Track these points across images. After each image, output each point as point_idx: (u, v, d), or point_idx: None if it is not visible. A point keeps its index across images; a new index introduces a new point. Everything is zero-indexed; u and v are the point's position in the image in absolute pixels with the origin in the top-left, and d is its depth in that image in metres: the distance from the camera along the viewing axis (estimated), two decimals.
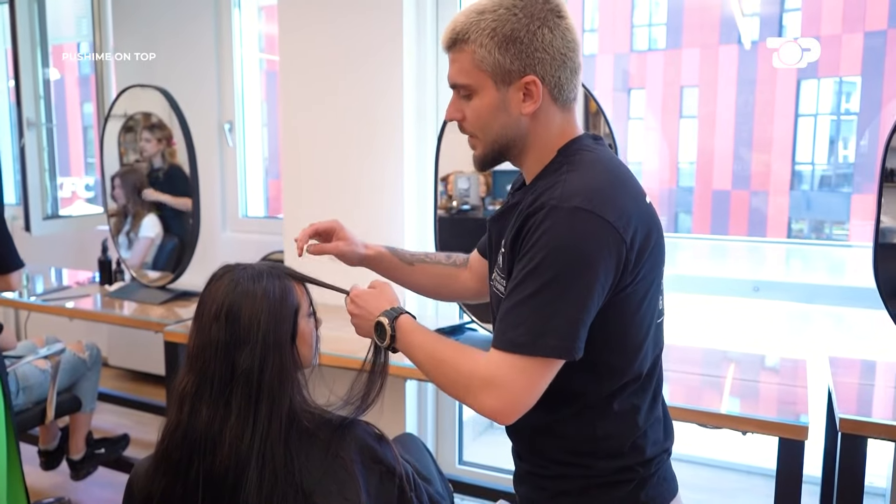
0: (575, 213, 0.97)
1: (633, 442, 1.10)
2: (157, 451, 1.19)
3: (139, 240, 3.04)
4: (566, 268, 0.97)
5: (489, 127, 1.09)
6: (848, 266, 3.84)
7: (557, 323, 0.97)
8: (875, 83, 6.88)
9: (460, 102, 1.11)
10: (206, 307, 1.17)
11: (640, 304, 1.05)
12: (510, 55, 1.03)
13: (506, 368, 0.98)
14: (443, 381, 1.08)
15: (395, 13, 2.53)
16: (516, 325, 0.99)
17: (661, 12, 8.68)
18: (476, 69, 1.06)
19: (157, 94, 2.84)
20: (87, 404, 2.62)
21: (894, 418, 1.68)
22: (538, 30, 1.03)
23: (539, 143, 1.10)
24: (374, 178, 2.65)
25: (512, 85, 1.05)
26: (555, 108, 1.08)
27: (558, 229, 0.97)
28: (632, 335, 1.07)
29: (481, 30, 1.03)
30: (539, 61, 1.04)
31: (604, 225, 0.97)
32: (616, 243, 0.98)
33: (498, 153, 1.12)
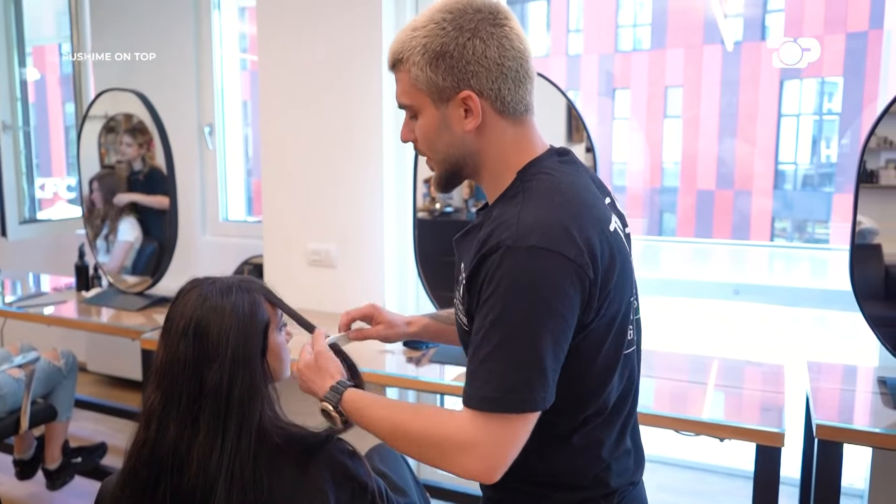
0: (532, 252, 0.92)
1: (595, 475, 1.06)
2: (124, 470, 1.17)
3: (118, 243, 3.00)
4: (530, 316, 0.92)
5: (435, 147, 1.05)
6: (829, 268, 3.87)
7: (528, 376, 0.93)
8: (856, 83, 6.93)
9: (411, 123, 1.07)
10: (174, 323, 1.15)
11: (602, 339, 1.01)
12: (441, 71, 0.99)
13: (481, 428, 0.94)
14: (413, 451, 1.02)
15: (374, 14, 2.52)
16: (486, 380, 0.94)
17: (646, 13, 8.72)
18: (414, 89, 1.02)
19: (135, 96, 2.81)
20: (62, 413, 2.59)
21: (870, 424, 1.68)
22: (468, 42, 0.98)
23: (492, 160, 1.04)
24: (354, 181, 2.64)
25: (450, 102, 1.00)
26: (502, 122, 1.02)
27: (517, 273, 0.92)
28: (594, 371, 1.02)
29: (413, 48, 1.00)
30: (473, 74, 0.98)
31: (563, 263, 0.92)
32: (579, 279, 0.93)
33: (451, 174, 1.08)
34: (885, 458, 2.14)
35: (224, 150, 3.52)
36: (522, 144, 1.05)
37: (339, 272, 2.70)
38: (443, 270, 2.39)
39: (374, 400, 1.09)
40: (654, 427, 1.74)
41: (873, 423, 1.70)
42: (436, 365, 2.18)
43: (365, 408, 1.07)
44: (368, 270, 2.65)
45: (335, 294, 2.70)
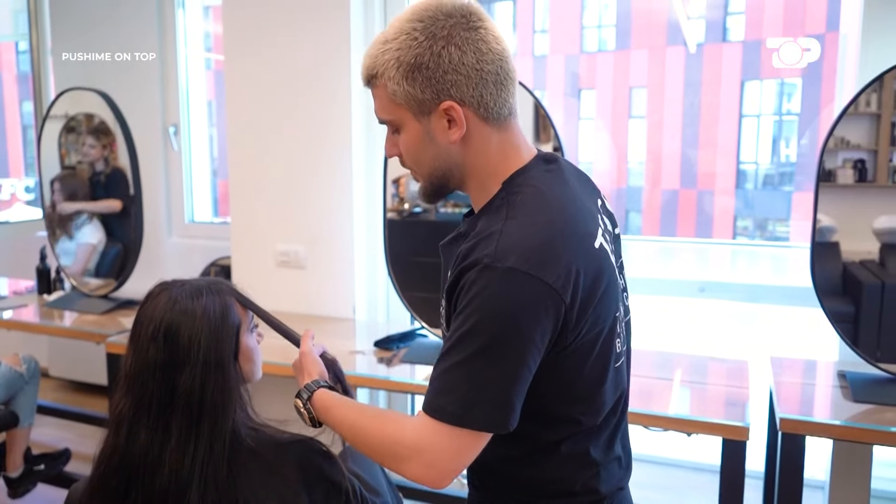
0: (509, 274, 0.89)
1: (584, 482, 1.05)
2: (93, 477, 1.15)
3: (80, 246, 2.95)
4: (499, 336, 0.90)
5: (421, 160, 1.01)
6: (789, 265, 3.95)
7: (489, 395, 0.91)
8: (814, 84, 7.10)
9: (394, 138, 1.03)
10: (143, 327, 1.14)
11: (586, 357, 0.98)
12: (419, 84, 0.95)
13: (434, 436, 0.93)
14: (370, 452, 1.03)
15: (343, 13, 2.51)
16: (447, 391, 0.92)
17: (610, 14, 8.82)
18: (392, 104, 0.98)
19: (98, 96, 2.76)
20: (24, 419, 2.53)
21: (831, 417, 1.73)
22: (443, 50, 0.93)
23: (478, 168, 1.01)
24: (323, 181, 2.62)
25: (432, 114, 0.97)
26: (487, 128, 0.98)
27: (491, 292, 0.90)
28: (580, 387, 1.00)
29: (386, 62, 0.96)
30: (452, 84, 0.94)
31: (540, 287, 0.89)
32: (555, 305, 0.90)
33: (438, 186, 1.04)
34: (846, 450, 2.19)
35: (189, 151, 3.48)
36: (508, 152, 1.01)
37: (309, 273, 2.68)
38: (413, 271, 2.40)
39: (343, 402, 1.10)
40: None
41: (834, 415, 1.74)
42: (406, 365, 2.18)
43: (332, 408, 1.09)
44: (338, 271, 2.64)
45: (305, 295, 2.68)
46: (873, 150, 1.89)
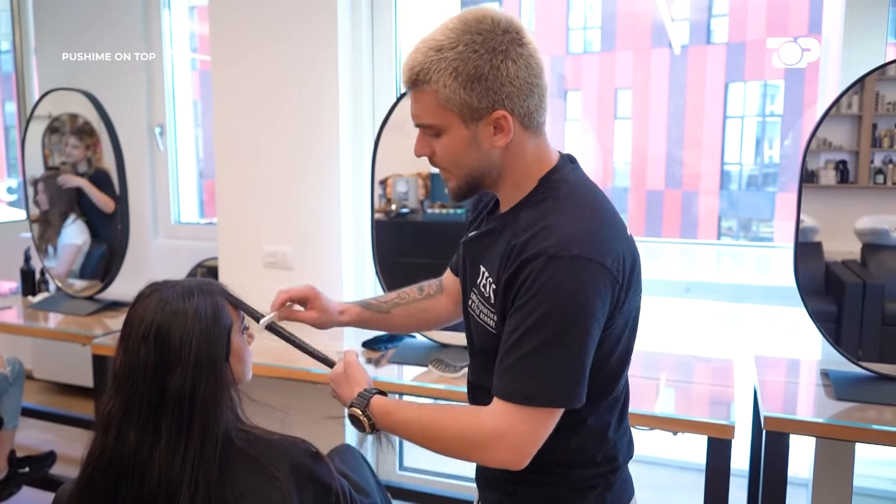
0: (575, 261, 0.97)
1: (604, 453, 1.14)
2: (81, 479, 1.14)
3: (65, 247, 2.93)
4: (570, 319, 0.98)
5: (461, 163, 1.07)
6: (773, 265, 3.99)
7: (564, 374, 0.99)
8: (797, 86, 7.18)
9: (428, 139, 1.08)
10: (134, 327, 1.13)
11: (622, 332, 1.08)
12: (476, 94, 1.00)
13: (516, 419, 1.00)
14: (445, 446, 1.08)
15: (330, 15, 2.51)
16: (525, 377, 1.00)
17: (596, 16, 8.86)
18: (441, 109, 1.03)
19: (81, 95, 2.74)
20: (9, 422, 2.51)
21: (815, 415, 1.75)
22: (501, 64, 1.00)
23: (515, 171, 1.08)
24: (311, 182, 2.62)
25: (481, 121, 1.02)
26: (526, 134, 1.06)
27: (560, 280, 0.98)
28: (613, 361, 1.09)
29: (442, 69, 1.00)
30: (507, 95, 1.01)
31: (601, 270, 0.99)
32: (611, 285, 1.00)
33: (473, 186, 1.10)
34: (829, 448, 2.22)
35: (175, 151, 3.46)
36: (542, 154, 1.09)
37: (296, 274, 2.68)
38: (401, 271, 2.40)
39: (402, 404, 1.15)
40: None
41: (817, 413, 1.77)
42: (394, 365, 2.19)
43: (393, 411, 1.13)
44: (326, 272, 2.64)
45: None
46: (855, 152, 1.91)
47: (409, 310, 1.42)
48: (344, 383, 1.20)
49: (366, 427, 1.14)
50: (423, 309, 1.43)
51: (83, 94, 2.74)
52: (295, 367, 2.10)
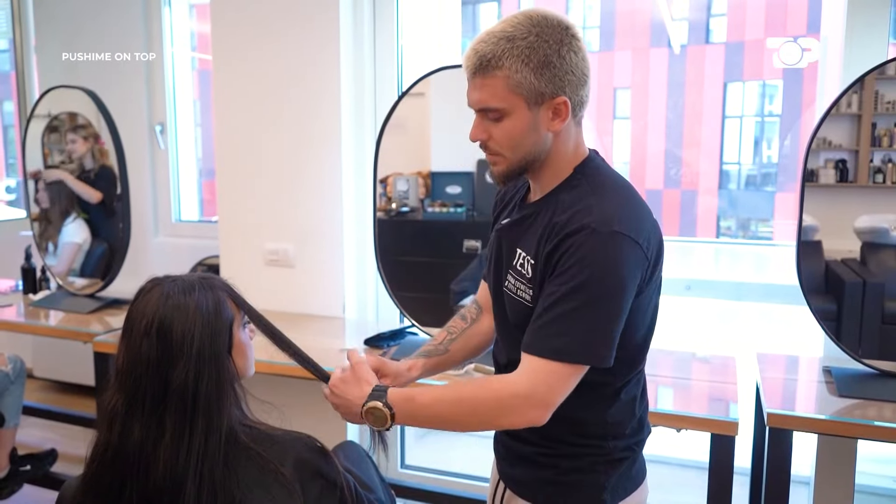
0: (614, 237, 1.07)
1: (632, 426, 1.24)
2: (86, 475, 1.14)
3: (65, 245, 2.92)
4: (607, 288, 1.07)
5: (520, 146, 1.14)
6: (772, 264, 4.00)
7: (596, 335, 1.07)
8: (795, 86, 7.18)
9: (486, 124, 1.15)
10: (136, 322, 1.13)
11: (647, 305, 1.17)
12: (545, 79, 1.09)
13: (546, 375, 1.08)
14: (480, 418, 1.12)
15: (331, 14, 2.51)
16: (561, 334, 1.07)
17: (594, 15, 8.86)
18: (510, 93, 1.10)
19: (81, 94, 2.74)
20: (10, 419, 2.51)
21: (818, 412, 1.75)
22: (567, 54, 1.09)
23: (558, 157, 1.17)
24: (312, 181, 2.62)
25: (543, 105, 1.11)
26: (572, 122, 1.15)
27: (601, 252, 1.07)
28: (640, 333, 1.19)
29: (515, 56, 1.08)
30: (568, 83, 1.10)
31: (635, 247, 1.08)
32: (642, 261, 1.10)
33: (523, 168, 1.17)
34: (831, 446, 2.23)
35: (176, 150, 3.46)
36: (579, 143, 1.20)
37: (298, 272, 2.68)
38: (402, 269, 2.40)
39: (421, 388, 1.20)
40: None
41: (820, 410, 1.77)
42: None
43: (416, 395, 1.16)
44: (327, 270, 2.64)
45: (294, 294, 2.68)
46: (854, 151, 1.91)
47: (463, 341, 1.46)
48: (352, 383, 1.21)
49: (387, 419, 1.14)
50: (474, 335, 1.47)
51: (85, 92, 2.74)
52: (295, 363, 2.10)
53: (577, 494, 1.22)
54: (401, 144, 2.38)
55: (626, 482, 1.24)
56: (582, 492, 1.22)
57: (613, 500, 1.22)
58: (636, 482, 1.26)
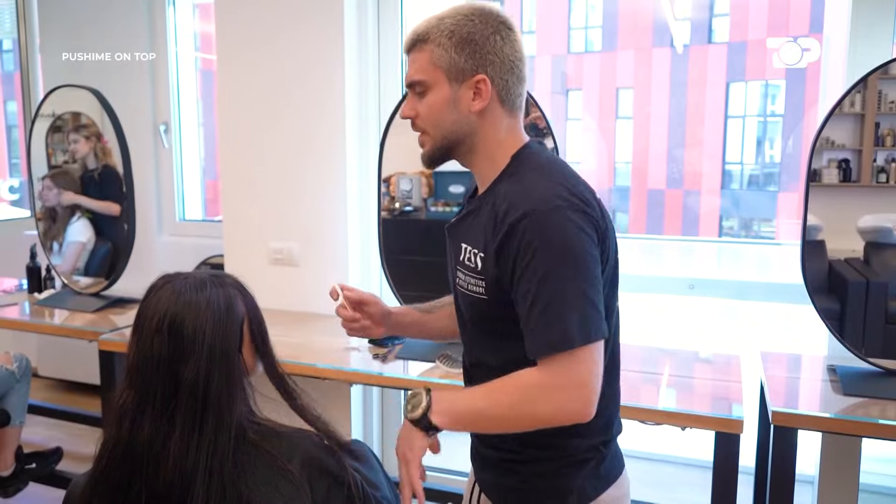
0: (557, 211, 1.06)
1: (597, 424, 1.16)
2: (95, 471, 1.14)
3: (69, 244, 2.93)
4: (570, 264, 1.05)
5: (441, 121, 1.16)
6: (775, 263, 4.00)
7: (585, 311, 1.04)
8: (798, 86, 7.18)
9: (415, 101, 1.18)
10: (147, 319, 1.13)
11: (612, 282, 1.15)
12: (465, 54, 1.12)
13: (564, 368, 1.04)
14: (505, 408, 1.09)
15: (336, 12, 2.51)
16: (552, 327, 1.04)
17: (597, 15, 8.86)
18: (433, 66, 1.13)
19: (85, 93, 2.75)
20: (16, 418, 2.52)
21: (821, 410, 1.76)
22: (491, 35, 1.12)
23: (488, 143, 1.17)
24: (316, 180, 2.63)
25: (464, 83, 1.13)
26: (502, 110, 1.16)
27: (551, 232, 1.06)
28: (610, 313, 1.15)
29: (440, 31, 1.12)
30: (490, 63, 1.12)
31: (582, 215, 1.07)
32: (594, 226, 1.08)
33: (447, 149, 1.19)
34: (835, 444, 2.23)
35: (180, 149, 3.47)
36: (515, 132, 1.19)
37: (303, 271, 2.69)
38: (405, 268, 2.41)
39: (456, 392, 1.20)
40: None
41: (825, 409, 1.76)
42: (400, 361, 2.19)
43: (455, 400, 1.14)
44: (332, 269, 2.65)
45: (298, 293, 2.68)
46: (857, 150, 1.91)
47: (450, 311, 1.42)
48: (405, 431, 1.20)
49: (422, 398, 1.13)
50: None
51: (90, 92, 2.74)
52: (300, 362, 2.10)
53: (542, 500, 1.20)
54: (404, 144, 2.39)
55: (595, 481, 1.20)
56: (546, 497, 1.20)
57: (581, 502, 1.19)
58: (608, 480, 1.22)
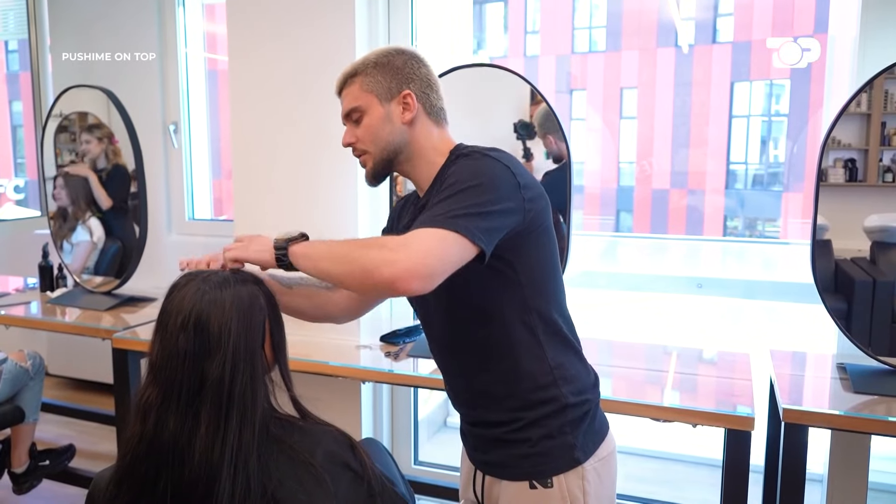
0: (482, 157, 1.22)
1: (577, 368, 1.33)
2: (120, 466, 1.16)
3: (79, 243, 2.95)
4: (482, 180, 1.17)
5: (378, 136, 1.32)
6: (781, 262, 4.01)
7: (471, 216, 1.13)
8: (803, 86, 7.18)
9: (352, 128, 1.36)
10: (171, 317, 1.15)
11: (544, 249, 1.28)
12: (389, 77, 1.31)
13: (415, 235, 1.12)
14: (354, 253, 1.15)
15: (347, 15, 2.53)
16: (435, 215, 1.14)
17: (601, 15, 8.86)
18: (364, 93, 1.32)
19: (93, 94, 2.77)
20: (30, 415, 2.54)
21: (832, 408, 1.77)
22: (408, 61, 1.32)
23: (423, 149, 1.32)
24: (327, 179, 2.64)
25: (392, 100, 1.31)
26: (429, 121, 1.33)
27: (469, 165, 1.22)
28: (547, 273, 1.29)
29: (365, 65, 1.32)
30: (411, 80, 1.31)
31: (505, 170, 1.19)
32: (517, 189, 1.19)
33: (387, 161, 1.33)
34: (844, 443, 2.24)
35: (190, 149, 3.49)
36: (447, 139, 1.36)
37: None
38: None
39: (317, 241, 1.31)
40: (629, 416, 1.80)
41: (836, 406, 1.77)
42: (411, 359, 2.21)
43: (312, 243, 1.30)
44: None
45: None
46: (864, 150, 1.92)
47: (310, 291, 1.49)
48: (251, 240, 1.36)
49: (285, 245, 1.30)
50: (322, 297, 1.50)
51: (103, 92, 2.76)
52: (311, 359, 2.12)
53: (553, 460, 1.29)
54: None
55: (593, 436, 1.33)
56: (556, 457, 1.29)
57: (586, 456, 1.30)
58: (601, 434, 1.35)
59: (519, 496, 1.31)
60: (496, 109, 2.29)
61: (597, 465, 1.31)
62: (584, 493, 1.29)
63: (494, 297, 1.26)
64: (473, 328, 1.30)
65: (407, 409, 2.84)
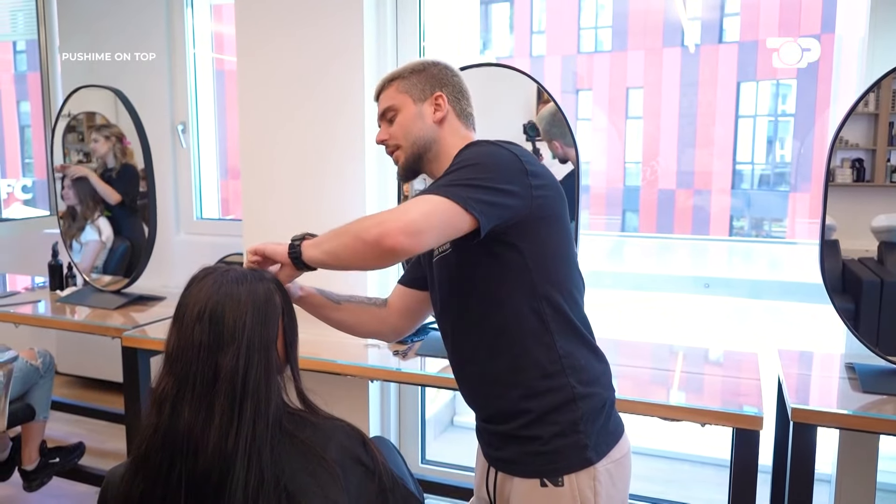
0: (491, 144, 1.30)
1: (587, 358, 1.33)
2: (135, 456, 1.17)
3: (88, 242, 2.97)
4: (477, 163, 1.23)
5: (410, 132, 1.39)
6: (787, 262, 4.00)
7: (467, 187, 1.18)
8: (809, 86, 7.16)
9: (386, 127, 1.43)
10: (188, 309, 1.16)
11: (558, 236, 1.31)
12: (424, 80, 1.40)
13: (414, 200, 1.17)
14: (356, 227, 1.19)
15: (356, 15, 2.54)
16: (430, 187, 1.21)
17: (607, 15, 8.86)
18: (400, 94, 1.40)
19: (101, 94, 2.79)
20: (40, 413, 2.55)
21: (840, 407, 1.77)
22: (442, 69, 1.42)
23: (450, 149, 1.37)
24: (335, 178, 2.65)
25: (426, 101, 1.39)
26: (459, 123, 1.42)
27: (475, 149, 1.29)
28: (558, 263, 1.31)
29: (403, 71, 1.42)
30: (444, 85, 1.41)
31: (511, 156, 1.25)
32: (520, 172, 1.23)
33: (417, 156, 1.40)
34: (852, 443, 2.24)
35: (198, 148, 3.50)
36: (469, 139, 1.42)
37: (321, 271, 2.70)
38: None
39: None
40: (639, 415, 1.80)
41: (844, 406, 1.77)
42: (419, 358, 2.22)
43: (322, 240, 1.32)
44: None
45: None
46: (871, 150, 1.93)
47: (358, 308, 1.56)
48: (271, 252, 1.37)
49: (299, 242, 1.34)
50: (368, 313, 1.57)
51: (112, 92, 2.78)
52: (320, 358, 2.13)
53: (564, 459, 1.30)
54: None
55: (606, 437, 1.33)
56: (567, 456, 1.29)
57: (598, 457, 1.30)
58: (616, 436, 1.35)
59: (530, 494, 1.32)
60: (503, 109, 2.30)
61: (609, 467, 1.31)
62: (595, 494, 1.29)
63: (503, 281, 1.29)
64: (483, 313, 1.32)
65: (414, 408, 2.85)
